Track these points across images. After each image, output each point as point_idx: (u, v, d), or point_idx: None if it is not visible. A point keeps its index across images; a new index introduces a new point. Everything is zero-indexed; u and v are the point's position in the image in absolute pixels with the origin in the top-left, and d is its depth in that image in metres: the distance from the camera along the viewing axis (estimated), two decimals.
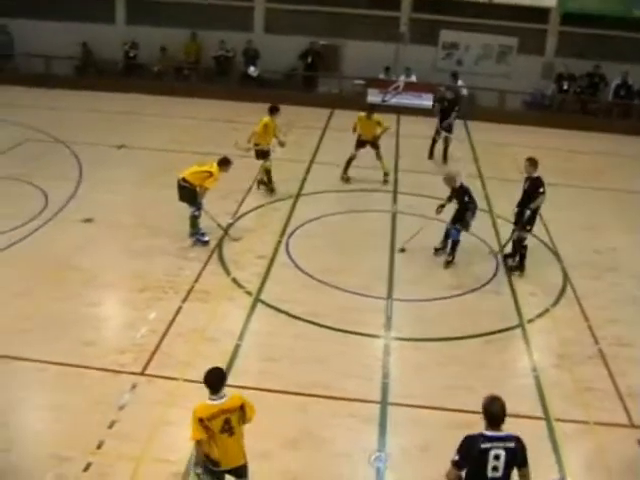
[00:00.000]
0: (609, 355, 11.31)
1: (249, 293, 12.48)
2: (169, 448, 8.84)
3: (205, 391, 7.20)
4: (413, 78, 24.94)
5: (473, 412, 9.46)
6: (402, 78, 24.81)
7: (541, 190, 13.26)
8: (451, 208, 13.88)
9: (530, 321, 12.22)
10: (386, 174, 18.03)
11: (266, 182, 16.67)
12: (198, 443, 7.24)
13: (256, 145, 16.29)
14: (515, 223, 13.59)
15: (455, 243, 13.82)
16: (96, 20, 26.04)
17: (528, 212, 13.32)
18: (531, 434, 9.44)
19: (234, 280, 12.88)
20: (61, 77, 25.32)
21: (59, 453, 8.66)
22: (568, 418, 9.83)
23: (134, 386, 9.92)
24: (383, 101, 24.51)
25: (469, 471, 6.69)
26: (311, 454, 9.03)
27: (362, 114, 17.67)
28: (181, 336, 11.10)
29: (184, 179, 13.80)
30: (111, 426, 9.14)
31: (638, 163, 21.10)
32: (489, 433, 6.68)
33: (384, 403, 9.94)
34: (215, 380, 7.24)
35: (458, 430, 9.24)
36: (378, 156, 17.85)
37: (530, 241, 13.88)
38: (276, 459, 8.83)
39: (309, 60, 25.73)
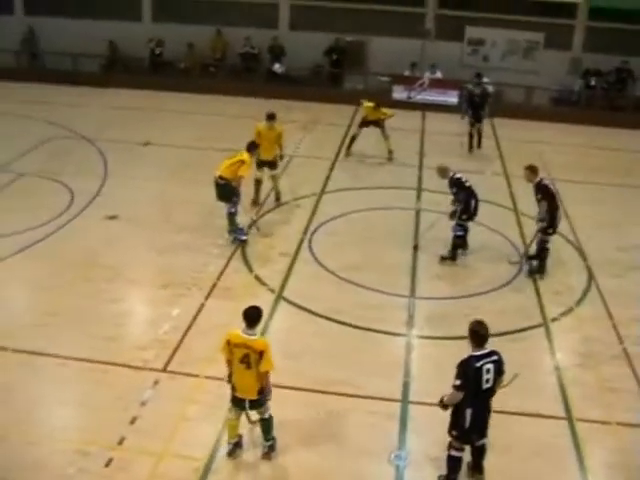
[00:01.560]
0: (633, 354, 11.18)
1: (272, 290, 12.51)
2: (190, 444, 8.91)
3: None
4: (438, 74, 24.83)
5: (495, 411, 9.47)
6: (427, 74, 24.72)
7: (538, 197, 13.02)
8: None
9: (554, 320, 12.13)
10: (390, 152, 18.95)
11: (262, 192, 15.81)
12: (227, 362, 8.43)
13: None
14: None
15: (455, 238, 13.68)
16: (123, 18, 26.23)
17: (539, 223, 13.16)
18: (552, 433, 9.49)
19: (257, 277, 12.91)
20: (88, 74, 25.49)
21: (81, 448, 8.76)
22: (590, 418, 9.75)
23: (156, 382, 10.00)
24: (408, 98, 24.53)
25: (467, 388, 7.81)
26: (331, 451, 9.03)
27: (370, 104, 18.60)
28: (203, 333, 11.14)
29: (221, 177, 13.64)
30: (133, 422, 9.23)
31: None
32: (478, 352, 7.87)
33: (405, 401, 9.93)
34: (250, 316, 8.32)
35: None
36: (384, 134, 18.80)
37: (555, 238, 13.72)
38: (296, 455, 8.89)
39: (334, 57, 25.69)
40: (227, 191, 13.74)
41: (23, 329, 11.05)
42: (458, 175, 13.63)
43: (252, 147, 14.01)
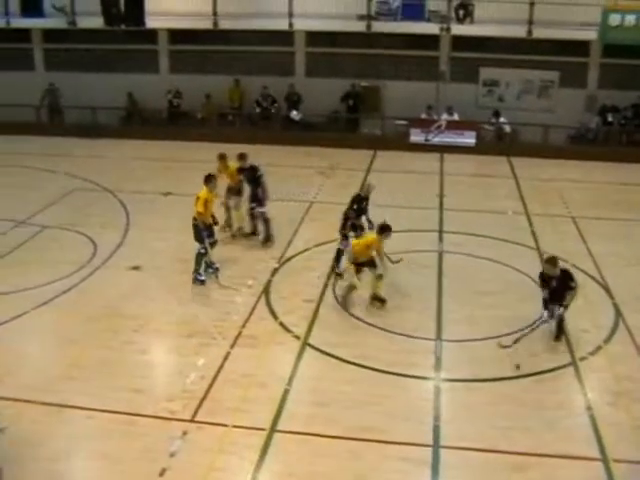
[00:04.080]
0: None
1: (297, 337, 12.44)
2: None
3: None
4: (455, 116, 24.95)
5: (527, 454, 9.34)
6: (444, 117, 24.84)
7: (572, 285, 12.27)
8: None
9: (583, 359, 11.96)
10: (240, 229, 16.77)
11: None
12: None
13: None
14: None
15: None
16: (141, 70, 26.70)
17: (562, 309, 12.28)
18: (587, 476, 9.30)
19: (282, 324, 12.86)
20: (107, 127, 25.89)
21: None
22: (626, 458, 9.53)
23: (184, 433, 9.89)
24: (426, 140, 24.60)
25: None
26: None
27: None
28: (230, 382, 11.08)
29: (193, 217, 14.26)
30: (162, 474, 9.12)
31: None
32: None
33: (436, 446, 9.76)
34: None
35: (513, 472, 9.17)
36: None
37: (580, 277, 13.55)
38: None
39: (350, 102, 25.86)
40: (197, 231, 14.22)
41: (50, 382, 11.01)
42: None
43: (207, 180, 14.36)
